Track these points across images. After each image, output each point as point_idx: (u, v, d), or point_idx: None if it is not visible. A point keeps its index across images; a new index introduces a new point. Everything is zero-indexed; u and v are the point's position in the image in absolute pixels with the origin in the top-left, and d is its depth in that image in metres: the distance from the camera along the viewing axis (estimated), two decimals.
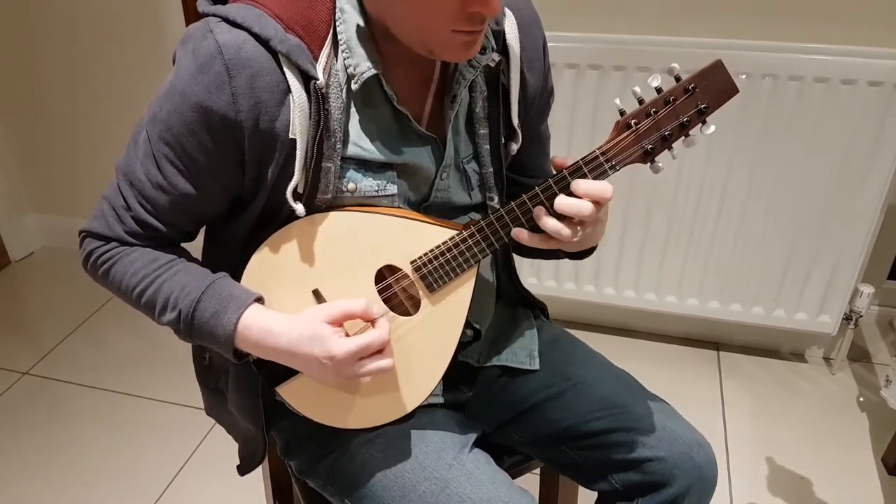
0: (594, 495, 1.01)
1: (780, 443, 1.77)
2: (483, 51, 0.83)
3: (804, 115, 1.65)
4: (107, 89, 2.29)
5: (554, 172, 0.81)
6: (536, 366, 1.02)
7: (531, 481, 1.17)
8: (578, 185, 0.79)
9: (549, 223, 0.80)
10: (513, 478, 0.93)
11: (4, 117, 2.46)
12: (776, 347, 2.09)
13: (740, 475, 1.68)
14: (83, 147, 2.44)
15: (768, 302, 1.90)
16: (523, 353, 1.03)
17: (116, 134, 2.36)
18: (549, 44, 0.93)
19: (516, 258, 1.08)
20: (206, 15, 0.77)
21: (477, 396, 1.04)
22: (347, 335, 0.79)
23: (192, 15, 2.09)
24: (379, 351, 0.79)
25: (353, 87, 0.78)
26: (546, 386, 1.00)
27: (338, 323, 0.78)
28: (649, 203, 1.84)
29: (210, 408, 1.09)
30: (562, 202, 0.78)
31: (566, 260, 2.04)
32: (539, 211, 0.80)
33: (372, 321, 0.80)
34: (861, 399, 1.90)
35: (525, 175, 1.01)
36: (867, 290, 1.85)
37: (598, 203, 0.79)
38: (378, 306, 0.81)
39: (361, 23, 0.77)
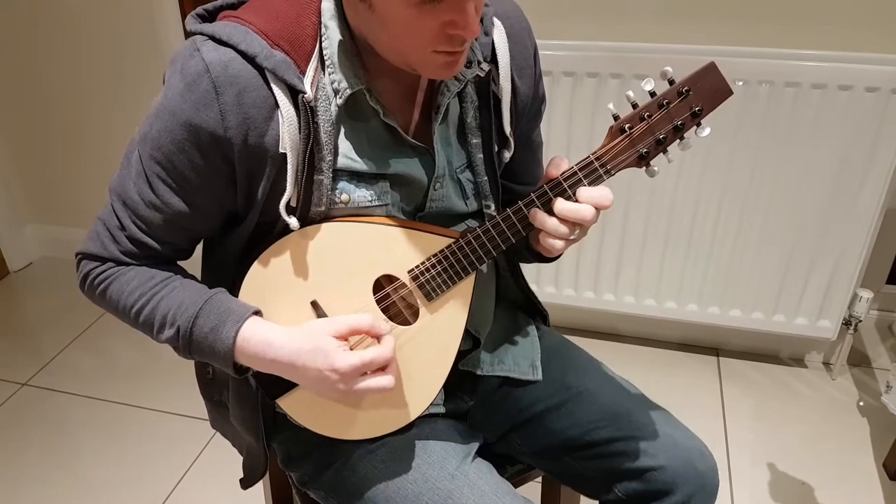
0: None
1: (781, 448, 1.77)
2: (469, 64, 0.83)
3: (801, 122, 1.65)
4: (107, 101, 2.29)
5: (546, 178, 0.82)
6: (539, 376, 1.02)
7: (533, 490, 1.17)
8: (581, 192, 0.80)
9: (549, 222, 0.81)
10: (515, 487, 0.93)
11: (4, 128, 2.46)
12: (776, 352, 2.09)
13: (741, 480, 1.67)
14: (83, 158, 2.44)
15: (768, 307, 1.90)
16: (525, 363, 1.03)
17: (116, 145, 2.36)
18: (545, 52, 0.94)
19: None
20: (194, 34, 0.78)
21: (478, 406, 1.04)
22: (351, 349, 0.79)
23: None
24: (382, 367, 0.79)
25: (338, 102, 0.79)
26: (547, 395, 1.00)
27: (343, 337, 0.78)
28: (648, 209, 1.85)
29: (214, 420, 1.09)
30: (563, 206, 0.80)
31: (566, 267, 2.04)
32: (535, 212, 0.81)
33: (378, 337, 0.79)
34: (861, 404, 1.90)
35: (517, 182, 1.01)
36: (866, 294, 1.85)
37: (597, 208, 0.80)
38: (384, 322, 0.81)
39: (345, 39, 0.78)
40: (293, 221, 0.80)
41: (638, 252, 1.92)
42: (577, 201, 0.80)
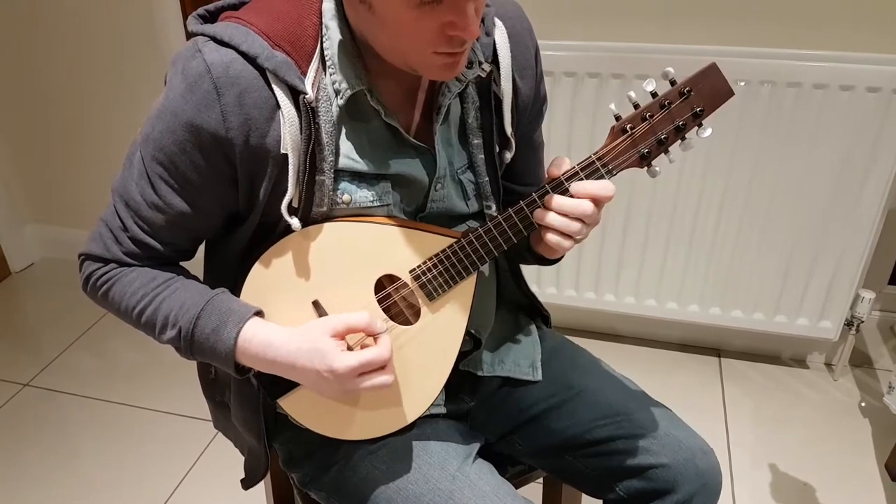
0: None
1: (783, 449, 1.76)
2: (470, 65, 0.83)
3: (803, 122, 1.65)
4: (107, 101, 2.29)
5: (548, 178, 0.82)
6: (539, 376, 1.02)
7: (534, 491, 1.17)
8: (576, 186, 0.80)
9: (555, 220, 0.81)
10: (516, 488, 0.93)
11: (4, 128, 2.46)
12: (777, 353, 2.09)
13: (743, 481, 1.67)
14: (83, 158, 2.44)
15: (769, 308, 1.90)
16: (526, 363, 1.03)
17: (116, 145, 2.36)
18: (546, 52, 0.94)
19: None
20: (196, 34, 0.78)
21: (479, 406, 1.04)
22: (350, 347, 0.79)
23: None
24: (380, 367, 0.78)
25: (339, 102, 0.79)
26: (549, 395, 1.00)
27: (340, 336, 0.78)
28: (649, 210, 1.84)
29: (217, 421, 1.09)
30: (562, 201, 0.80)
31: (567, 267, 2.04)
32: (537, 211, 0.81)
33: (374, 336, 0.79)
34: (863, 405, 1.90)
35: (519, 183, 1.01)
36: (868, 295, 1.85)
37: (598, 203, 0.80)
38: (380, 321, 0.81)
39: (346, 39, 0.78)
40: (294, 222, 0.80)
41: (639, 252, 1.92)
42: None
